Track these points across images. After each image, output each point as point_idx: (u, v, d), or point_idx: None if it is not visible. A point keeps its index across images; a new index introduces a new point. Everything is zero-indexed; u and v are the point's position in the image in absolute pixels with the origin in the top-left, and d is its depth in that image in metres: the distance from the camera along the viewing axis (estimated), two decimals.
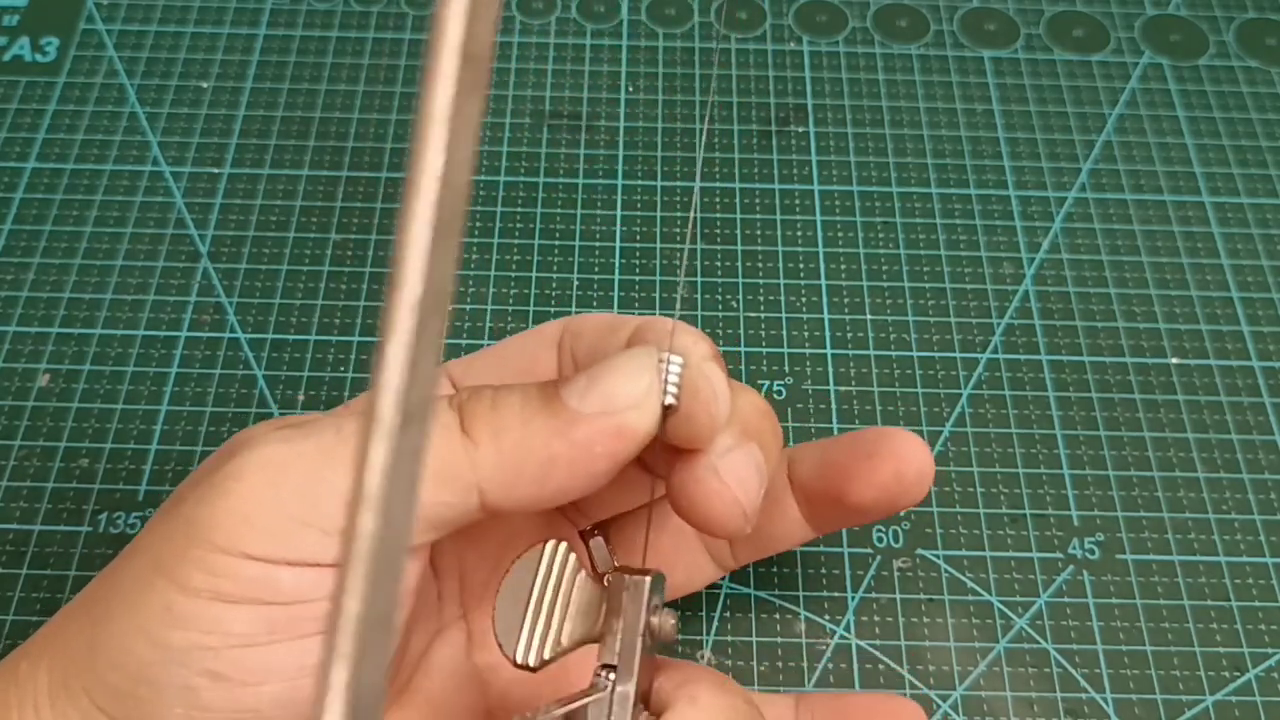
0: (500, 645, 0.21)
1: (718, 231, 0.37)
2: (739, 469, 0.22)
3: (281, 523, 0.19)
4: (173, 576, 0.19)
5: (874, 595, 0.30)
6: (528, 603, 0.21)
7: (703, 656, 0.29)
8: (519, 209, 0.37)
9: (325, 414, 0.24)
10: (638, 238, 0.37)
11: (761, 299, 0.36)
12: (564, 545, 0.22)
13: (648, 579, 0.21)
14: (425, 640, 0.25)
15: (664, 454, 0.22)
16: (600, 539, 0.26)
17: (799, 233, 0.37)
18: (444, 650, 0.25)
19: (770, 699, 0.26)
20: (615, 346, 0.23)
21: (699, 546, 0.27)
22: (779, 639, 0.30)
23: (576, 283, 0.36)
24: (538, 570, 0.22)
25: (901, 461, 0.25)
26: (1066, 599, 0.31)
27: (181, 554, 0.19)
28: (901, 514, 0.32)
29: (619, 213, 0.37)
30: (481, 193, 0.38)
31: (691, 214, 0.38)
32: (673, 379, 0.21)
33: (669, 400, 0.21)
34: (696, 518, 0.22)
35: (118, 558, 0.21)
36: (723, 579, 0.31)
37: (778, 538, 0.27)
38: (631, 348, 0.22)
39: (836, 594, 0.30)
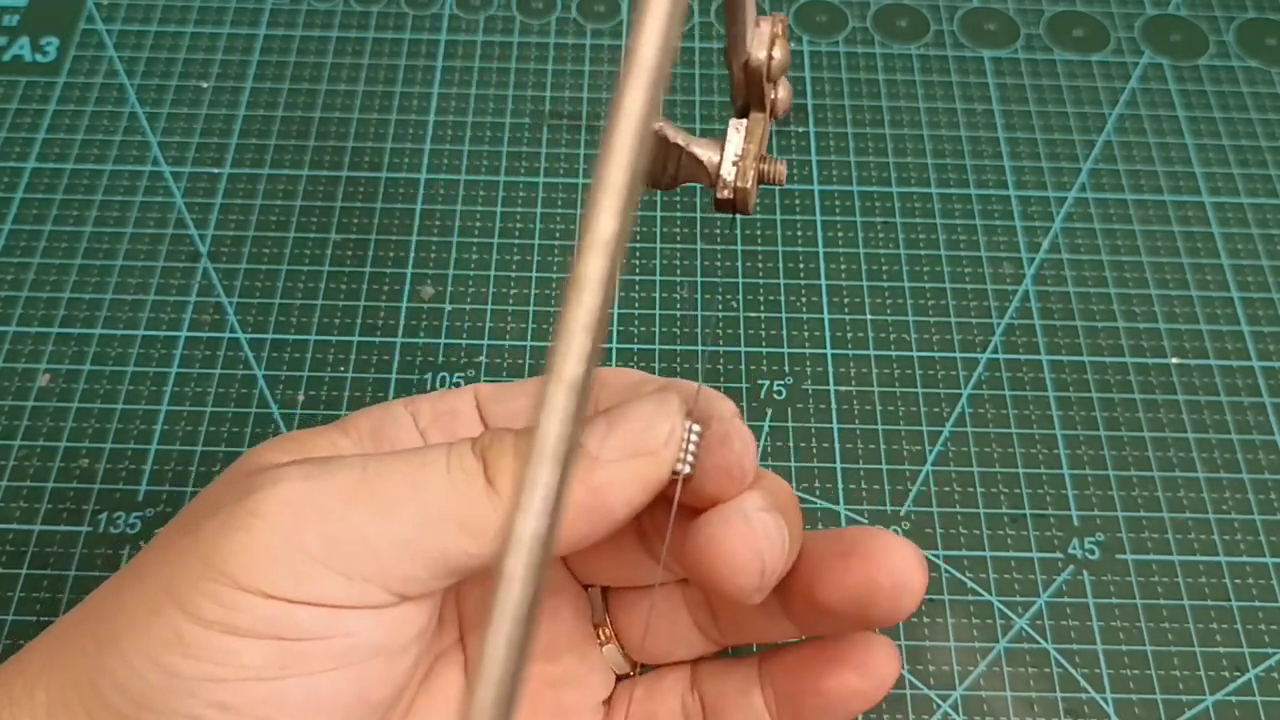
0: None
1: (718, 231, 0.37)
2: (768, 526, 0.21)
3: (302, 564, 0.19)
4: (184, 605, 0.19)
5: None
6: None
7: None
8: (519, 209, 0.37)
9: (330, 427, 0.24)
10: (637, 238, 0.37)
11: (761, 299, 0.36)
12: None
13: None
14: (427, 663, 0.25)
15: (677, 519, 0.22)
16: (597, 591, 0.27)
17: (799, 233, 0.37)
18: (444, 673, 0.25)
19: (730, 666, 0.26)
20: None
21: (685, 618, 0.26)
22: (779, 639, 0.30)
23: None
24: None
25: (876, 568, 0.22)
26: (1066, 599, 0.31)
27: (196, 584, 0.19)
28: (901, 513, 0.32)
29: None
30: (482, 192, 0.38)
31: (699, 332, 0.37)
32: (691, 445, 0.21)
33: (685, 469, 0.21)
34: (713, 565, 0.21)
35: (121, 575, 0.21)
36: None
37: (758, 627, 0.25)
38: (654, 393, 0.21)
39: None
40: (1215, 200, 0.38)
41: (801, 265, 0.36)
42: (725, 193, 0.22)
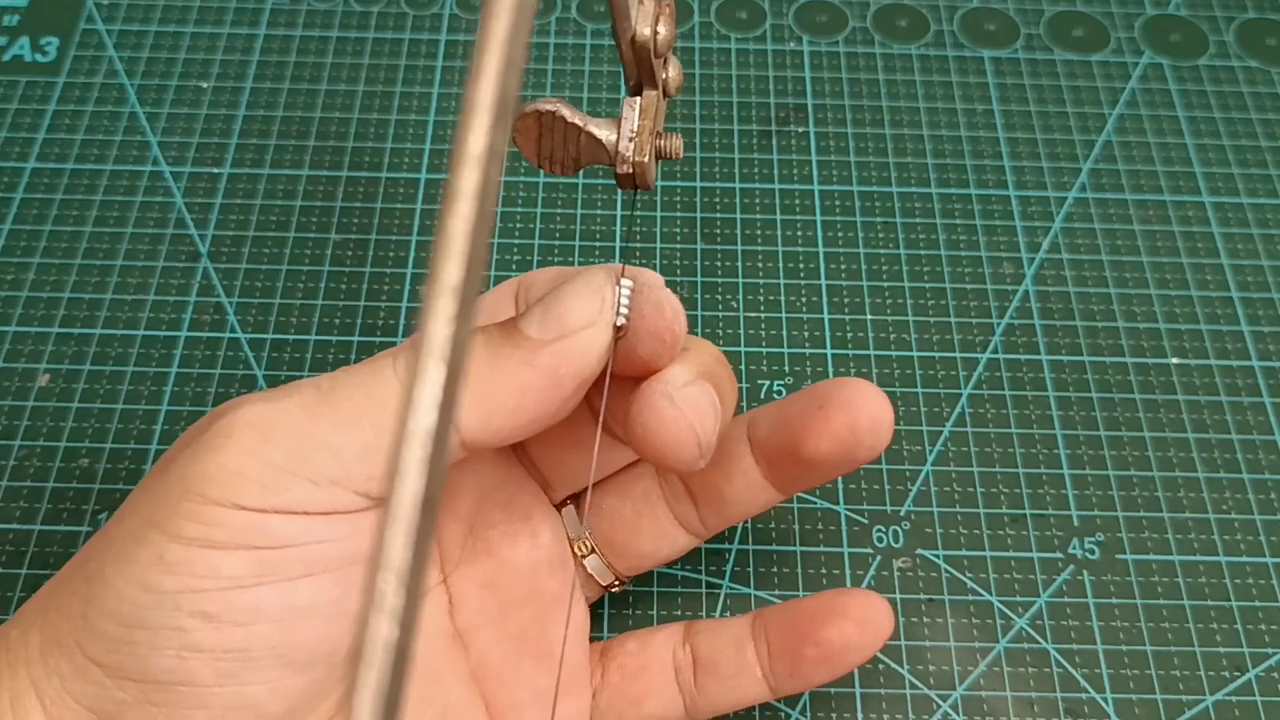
0: None
1: (718, 231, 0.37)
2: (695, 400, 0.22)
3: (271, 474, 0.20)
4: (164, 528, 0.20)
5: None
6: None
7: None
8: (519, 209, 0.37)
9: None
10: (638, 238, 0.37)
11: (761, 299, 0.36)
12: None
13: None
14: None
15: (617, 393, 0.23)
16: (571, 508, 0.27)
17: (799, 233, 0.37)
18: (427, 612, 0.25)
19: (724, 624, 0.26)
20: None
21: (665, 512, 0.27)
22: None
23: None
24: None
25: (855, 410, 0.24)
26: (1066, 599, 0.31)
27: (173, 507, 0.20)
28: (901, 513, 0.32)
29: (619, 213, 0.37)
30: None
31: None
32: (623, 299, 0.22)
33: (620, 321, 0.22)
34: (651, 446, 0.22)
35: (109, 522, 0.22)
36: (699, 570, 0.30)
37: (742, 501, 0.26)
38: (582, 272, 0.23)
39: None
40: (1215, 200, 0.38)
41: (801, 265, 0.36)
42: (625, 168, 0.22)
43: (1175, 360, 0.35)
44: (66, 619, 0.20)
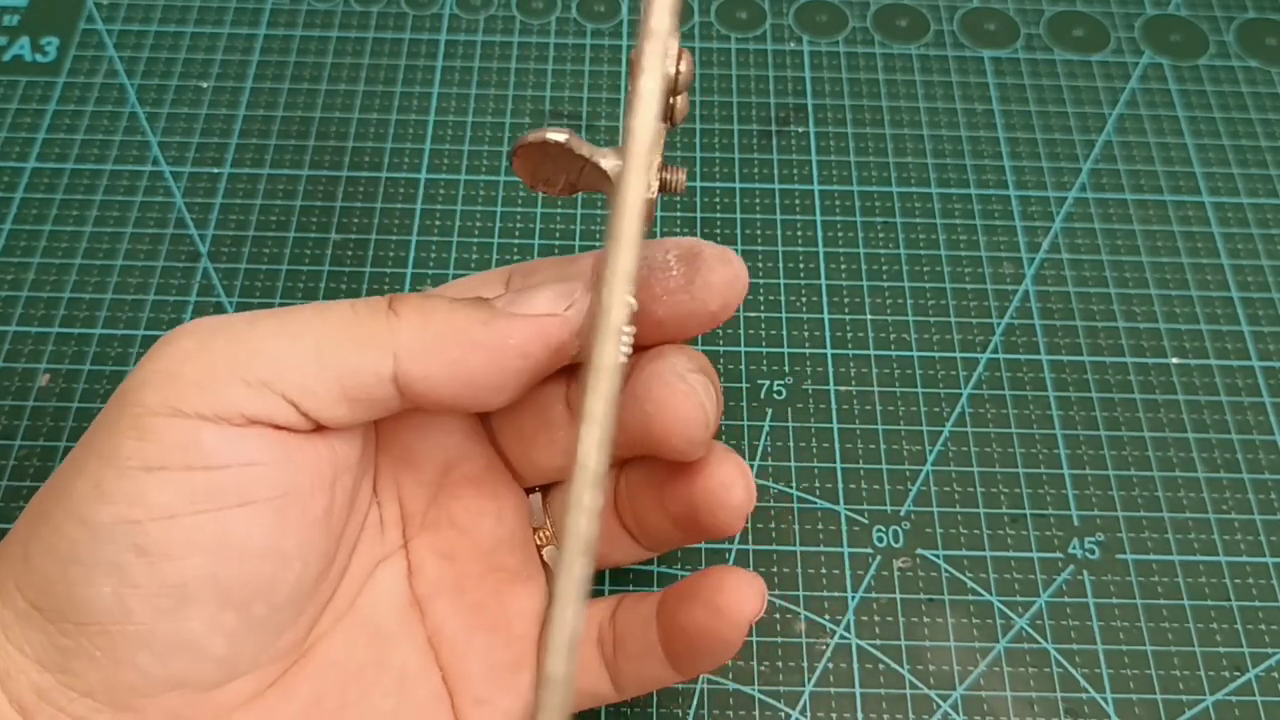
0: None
1: (718, 231, 0.37)
2: (703, 384, 0.23)
3: (207, 374, 0.20)
4: (103, 452, 0.20)
5: (874, 595, 0.30)
6: None
7: None
8: (519, 209, 0.37)
9: None
10: None
11: (761, 299, 0.36)
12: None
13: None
14: (370, 565, 0.25)
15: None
16: (538, 495, 0.27)
17: (799, 233, 0.37)
18: (387, 576, 0.25)
19: (642, 599, 0.26)
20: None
21: (617, 525, 0.27)
22: (779, 639, 0.30)
23: None
24: None
25: (707, 477, 0.24)
26: (1066, 599, 0.31)
27: (113, 425, 0.20)
28: (901, 514, 0.32)
29: None
30: (481, 192, 0.38)
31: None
32: (627, 340, 0.22)
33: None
34: (659, 424, 0.22)
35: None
36: (699, 569, 0.30)
37: (670, 531, 0.26)
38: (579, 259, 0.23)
39: (836, 594, 0.30)
40: (1215, 200, 0.38)
41: (801, 265, 0.36)
42: None
43: (1175, 360, 0.35)
44: (7, 562, 0.20)
